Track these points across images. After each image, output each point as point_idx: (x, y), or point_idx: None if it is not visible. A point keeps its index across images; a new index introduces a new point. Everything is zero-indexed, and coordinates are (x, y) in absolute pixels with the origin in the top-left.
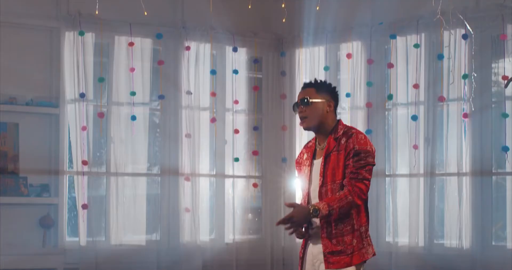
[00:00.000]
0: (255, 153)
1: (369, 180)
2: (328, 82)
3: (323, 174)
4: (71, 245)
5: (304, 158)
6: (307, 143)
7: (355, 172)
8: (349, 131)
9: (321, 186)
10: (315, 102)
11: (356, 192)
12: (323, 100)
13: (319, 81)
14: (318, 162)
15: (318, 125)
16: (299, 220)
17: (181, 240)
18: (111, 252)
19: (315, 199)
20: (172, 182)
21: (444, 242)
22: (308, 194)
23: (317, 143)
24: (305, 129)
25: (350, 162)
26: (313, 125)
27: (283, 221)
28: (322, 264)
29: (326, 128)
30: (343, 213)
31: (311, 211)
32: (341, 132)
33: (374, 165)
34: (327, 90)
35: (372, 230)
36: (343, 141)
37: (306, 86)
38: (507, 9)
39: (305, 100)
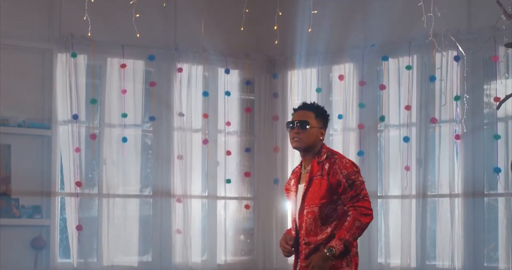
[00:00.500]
0: (247, 174)
1: (367, 195)
2: (324, 108)
3: (303, 198)
4: (63, 267)
5: (291, 183)
6: (294, 168)
7: (354, 195)
8: (332, 157)
9: (301, 210)
10: (312, 128)
11: (361, 212)
12: (319, 128)
13: (318, 106)
14: (301, 187)
15: (308, 148)
16: (320, 266)
17: (173, 261)
18: None
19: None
20: (164, 203)
21: (436, 263)
22: (295, 220)
23: (302, 167)
24: (294, 148)
25: (345, 188)
26: (303, 147)
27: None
28: None
29: (313, 152)
30: (358, 237)
31: (327, 253)
32: (325, 156)
33: (364, 181)
34: (324, 117)
35: (364, 251)
36: (326, 166)
37: (307, 108)
38: (499, 31)
39: (305, 125)
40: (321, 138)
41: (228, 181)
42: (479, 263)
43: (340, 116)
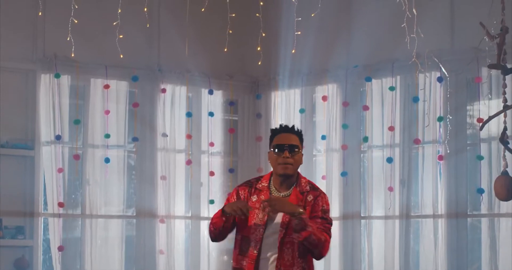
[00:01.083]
0: None
1: (331, 234)
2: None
3: (286, 226)
4: None
5: (254, 200)
6: (254, 183)
7: (324, 226)
8: (316, 190)
9: (282, 238)
10: (300, 153)
11: (327, 240)
12: (302, 152)
13: (300, 131)
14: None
15: (293, 175)
16: (285, 203)
17: None
18: None
19: (267, 246)
20: (148, 224)
21: None
22: (261, 240)
23: (273, 188)
24: (283, 174)
25: (318, 217)
26: (292, 173)
27: (272, 199)
28: None
29: (292, 180)
30: (311, 241)
31: (300, 208)
32: (307, 187)
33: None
34: (302, 142)
35: None
36: (309, 198)
37: (292, 131)
38: (482, 52)
39: (295, 149)
40: (301, 162)
41: (212, 201)
42: None
43: (323, 137)
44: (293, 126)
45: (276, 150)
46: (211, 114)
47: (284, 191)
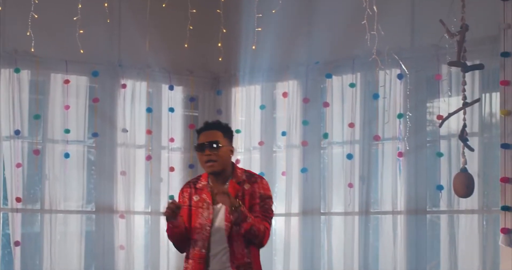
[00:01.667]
0: None
1: (271, 221)
2: (228, 125)
3: (231, 220)
4: None
5: (196, 199)
6: (193, 184)
7: (263, 215)
8: (252, 177)
9: (229, 232)
10: (223, 147)
11: (267, 228)
12: (229, 146)
13: (225, 125)
14: (220, 208)
15: (223, 170)
16: (225, 196)
17: None
18: None
19: (215, 243)
20: (107, 219)
21: None
22: (209, 238)
23: (211, 185)
24: (211, 173)
25: (256, 204)
26: (219, 170)
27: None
28: None
29: (226, 173)
30: (252, 233)
31: (238, 203)
32: (243, 176)
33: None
34: (231, 136)
35: (307, 268)
36: (247, 186)
37: (213, 127)
38: (442, 50)
39: (215, 145)
40: (231, 156)
41: (171, 197)
42: None
43: (283, 133)
44: (215, 121)
45: (198, 150)
46: (171, 109)
47: (221, 186)
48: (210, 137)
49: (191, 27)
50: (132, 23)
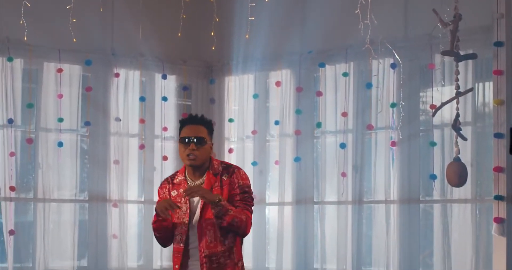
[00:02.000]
0: None
1: (252, 209)
2: (211, 121)
3: (202, 211)
4: None
5: (174, 195)
6: (171, 179)
7: (243, 204)
8: (229, 168)
9: (199, 223)
10: (208, 144)
11: (248, 216)
12: (210, 143)
13: (208, 121)
14: (197, 200)
15: (203, 164)
16: (204, 190)
17: (109, 266)
18: None
19: (194, 236)
20: (100, 208)
21: (371, 269)
22: (187, 232)
23: (188, 179)
24: (192, 165)
25: (237, 194)
26: (200, 164)
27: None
28: None
29: (204, 167)
30: (235, 224)
31: (218, 197)
32: (220, 168)
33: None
34: (212, 132)
35: (300, 257)
36: (225, 177)
37: (199, 122)
38: (435, 39)
39: (201, 141)
40: (211, 152)
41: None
42: (414, 269)
43: (276, 122)
44: (201, 116)
45: (183, 143)
46: (164, 98)
47: (198, 179)
48: (197, 132)
49: (184, 16)
50: (125, 12)
